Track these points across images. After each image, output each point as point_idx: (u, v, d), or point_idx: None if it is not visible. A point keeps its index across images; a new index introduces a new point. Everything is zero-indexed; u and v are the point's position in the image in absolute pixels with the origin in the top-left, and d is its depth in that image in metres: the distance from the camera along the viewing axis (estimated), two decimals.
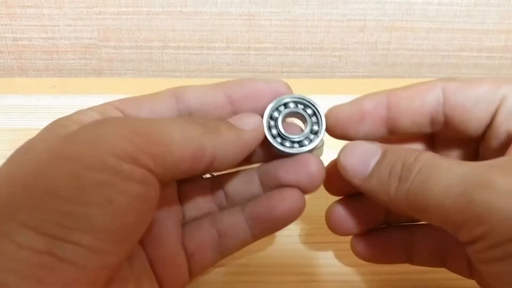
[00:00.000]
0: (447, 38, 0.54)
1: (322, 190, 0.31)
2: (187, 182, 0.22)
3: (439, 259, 0.22)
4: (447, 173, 0.17)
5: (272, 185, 0.21)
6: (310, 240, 0.26)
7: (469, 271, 0.21)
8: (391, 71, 0.55)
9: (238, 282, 0.24)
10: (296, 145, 0.21)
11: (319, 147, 0.21)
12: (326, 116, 0.21)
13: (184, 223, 0.22)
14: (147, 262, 0.20)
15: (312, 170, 0.20)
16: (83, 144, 0.15)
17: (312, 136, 0.21)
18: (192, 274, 0.21)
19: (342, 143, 0.21)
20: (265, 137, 0.20)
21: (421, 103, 0.20)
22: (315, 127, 0.21)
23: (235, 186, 0.22)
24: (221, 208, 0.22)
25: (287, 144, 0.21)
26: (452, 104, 0.20)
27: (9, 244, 0.14)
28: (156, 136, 0.16)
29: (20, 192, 0.14)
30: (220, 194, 0.22)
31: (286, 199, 0.21)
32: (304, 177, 0.20)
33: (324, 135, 0.21)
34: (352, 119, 0.21)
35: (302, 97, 0.21)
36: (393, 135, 0.21)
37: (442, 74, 0.56)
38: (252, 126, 0.20)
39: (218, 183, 0.23)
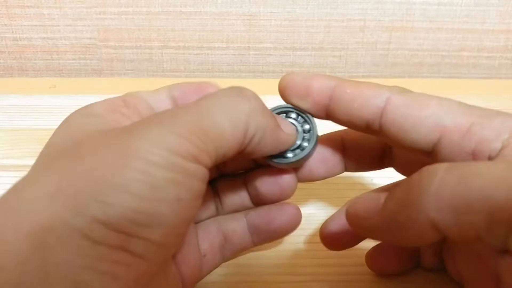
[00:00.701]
0: (447, 38, 0.54)
1: (322, 190, 0.31)
2: None
3: (441, 264, 0.22)
4: (486, 165, 0.15)
5: (254, 194, 0.23)
6: (310, 240, 0.26)
7: (461, 277, 0.21)
8: (391, 71, 0.55)
9: (238, 282, 0.24)
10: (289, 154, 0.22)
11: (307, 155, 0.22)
12: (279, 82, 0.22)
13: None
14: (173, 262, 0.20)
15: (284, 182, 0.22)
16: (148, 142, 0.15)
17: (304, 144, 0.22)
18: (202, 275, 0.22)
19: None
20: None
21: (360, 107, 0.19)
22: (305, 143, 0.22)
23: (228, 193, 0.23)
24: (219, 212, 0.24)
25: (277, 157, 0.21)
26: (390, 120, 0.19)
27: (82, 239, 0.14)
28: (211, 132, 0.16)
29: (88, 187, 0.14)
30: (216, 199, 0.24)
31: (284, 214, 0.22)
32: (276, 188, 0.22)
33: (314, 145, 0.22)
34: (299, 91, 0.21)
35: (295, 108, 0.22)
36: (330, 120, 0.21)
37: (442, 74, 0.56)
38: (290, 132, 0.21)
39: (215, 186, 0.24)
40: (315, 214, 0.29)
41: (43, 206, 0.14)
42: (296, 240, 0.26)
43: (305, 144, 0.22)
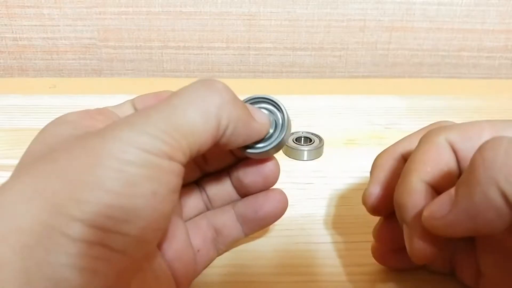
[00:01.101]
0: (447, 38, 0.54)
1: (322, 191, 0.31)
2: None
3: (450, 267, 0.22)
4: None
5: (239, 187, 0.23)
6: (310, 240, 0.26)
7: (476, 281, 0.21)
8: (391, 71, 0.55)
9: (237, 282, 0.24)
10: (261, 144, 0.22)
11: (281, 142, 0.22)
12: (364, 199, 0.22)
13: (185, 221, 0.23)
14: (162, 259, 0.20)
15: (266, 171, 0.23)
16: (120, 142, 0.16)
17: (276, 133, 0.22)
18: (198, 270, 0.22)
19: (340, 141, 0.21)
20: None
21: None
22: (277, 131, 0.22)
23: (214, 189, 0.24)
24: (208, 209, 0.24)
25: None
26: (464, 157, 0.20)
27: (61, 237, 0.14)
28: (182, 128, 0.17)
29: (64, 187, 0.15)
30: (204, 195, 0.24)
31: (270, 200, 0.23)
32: (259, 178, 0.23)
33: (285, 131, 0.22)
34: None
35: (264, 96, 0.22)
36: None
37: (442, 74, 0.56)
38: (263, 121, 0.21)
39: (201, 185, 0.24)
40: (315, 214, 0.29)
41: (21, 209, 0.14)
42: (296, 240, 0.26)
43: (278, 132, 0.22)
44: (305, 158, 0.35)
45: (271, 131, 0.22)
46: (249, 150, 0.21)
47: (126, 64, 0.55)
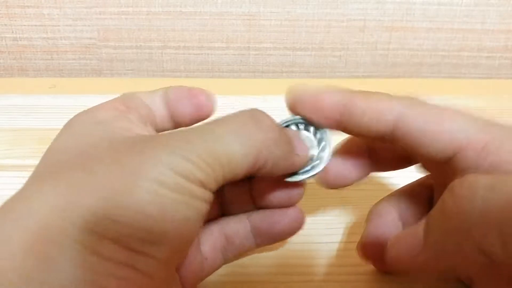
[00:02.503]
0: (447, 38, 0.54)
1: (322, 190, 0.31)
2: None
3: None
4: None
5: (260, 202, 0.23)
6: (310, 240, 0.26)
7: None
8: (391, 71, 0.55)
9: (237, 282, 0.24)
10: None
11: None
12: (286, 93, 0.21)
13: None
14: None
15: (293, 195, 0.22)
16: (158, 164, 0.15)
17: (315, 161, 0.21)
18: (202, 277, 0.22)
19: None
20: None
21: (371, 122, 0.19)
22: (319, 153, 0.22)
23: (231, 197, 0.23)
24: (224, 214, 0.23)
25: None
26: (402, 135, 0.19)
27: (91, 255, 0.14)
28: (221, 159, 0.16)
29: (99, 204, 0.14)
30: (219, 202, 0.23)
31: (287, 217, 0.22)
32: (285, 200, 0.22)
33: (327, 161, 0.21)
34: (309, 106, 0.21)
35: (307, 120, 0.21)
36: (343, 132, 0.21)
37: (442, 74, 0.56)
38: (303, 153, 0.21)
39: (218, 191, 0.23)
40: (315, 214, 0.29)
41: (51, 219, 0.14)
42: (296, 240, 0.26)
43: (321, 154, 0.21)
44: None
45: (312, 153, 0.21)
46: (288, 179, 0.21)
47: (126, 64, 0.55)
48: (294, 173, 0.21)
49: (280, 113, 0.22)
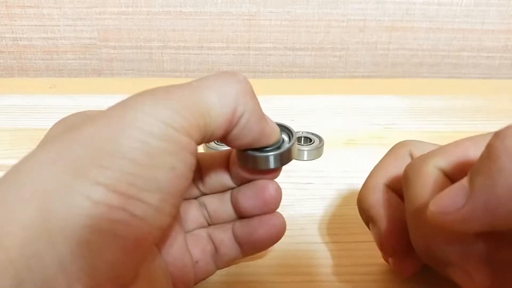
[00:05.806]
0: (447, 38, 0.54)
1: (322, 191, 0.31)
2: None
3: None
4: None
5: (238, 209, 0.23)
6: (310, 240, 0.26)
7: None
8: (391, 71, 0.55)
9: (237, 282, 0.24)
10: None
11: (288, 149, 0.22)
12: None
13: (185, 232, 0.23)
14: (163, 262, 0.20)
15: (266, 196, 0.22)
16: (143, 113, 0.16)
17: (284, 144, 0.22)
18: (195, 281, 0.22)
19: (340, 141, 0.21)
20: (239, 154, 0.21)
21: None
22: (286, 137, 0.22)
23: (214, 206, 0.23)
24: (209, 224, 0.24)
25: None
26: None
27: (84, 200, 0.14)
28: (201, 107, 0.17)
29: (87, 153, 0.15)
30: (204, 211, 0.24)
31: (265, 225, 0.22)
32: (258, 202, 0.22)
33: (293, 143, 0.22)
34: None
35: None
36: None
37: (442, 74, 0.56)
38: (274, 127, 0.21)
39: (201, 201, 0.24)
40: (315, 214, 0.29)
41: (44, 171, 0.15)
42: (296, 240, 0.26)
43: (285, 144, 0.22)
44: (305, 158, 0.35)
45: (278, 145, 0.21)
46: (250, 152, 0.21)
47: (126, 64, 0.55)
48: (263, 150, 0.21)
49: (280, 113, 0.22)
